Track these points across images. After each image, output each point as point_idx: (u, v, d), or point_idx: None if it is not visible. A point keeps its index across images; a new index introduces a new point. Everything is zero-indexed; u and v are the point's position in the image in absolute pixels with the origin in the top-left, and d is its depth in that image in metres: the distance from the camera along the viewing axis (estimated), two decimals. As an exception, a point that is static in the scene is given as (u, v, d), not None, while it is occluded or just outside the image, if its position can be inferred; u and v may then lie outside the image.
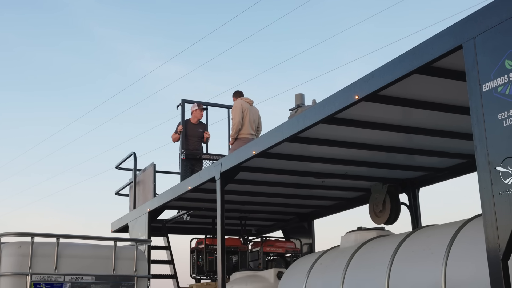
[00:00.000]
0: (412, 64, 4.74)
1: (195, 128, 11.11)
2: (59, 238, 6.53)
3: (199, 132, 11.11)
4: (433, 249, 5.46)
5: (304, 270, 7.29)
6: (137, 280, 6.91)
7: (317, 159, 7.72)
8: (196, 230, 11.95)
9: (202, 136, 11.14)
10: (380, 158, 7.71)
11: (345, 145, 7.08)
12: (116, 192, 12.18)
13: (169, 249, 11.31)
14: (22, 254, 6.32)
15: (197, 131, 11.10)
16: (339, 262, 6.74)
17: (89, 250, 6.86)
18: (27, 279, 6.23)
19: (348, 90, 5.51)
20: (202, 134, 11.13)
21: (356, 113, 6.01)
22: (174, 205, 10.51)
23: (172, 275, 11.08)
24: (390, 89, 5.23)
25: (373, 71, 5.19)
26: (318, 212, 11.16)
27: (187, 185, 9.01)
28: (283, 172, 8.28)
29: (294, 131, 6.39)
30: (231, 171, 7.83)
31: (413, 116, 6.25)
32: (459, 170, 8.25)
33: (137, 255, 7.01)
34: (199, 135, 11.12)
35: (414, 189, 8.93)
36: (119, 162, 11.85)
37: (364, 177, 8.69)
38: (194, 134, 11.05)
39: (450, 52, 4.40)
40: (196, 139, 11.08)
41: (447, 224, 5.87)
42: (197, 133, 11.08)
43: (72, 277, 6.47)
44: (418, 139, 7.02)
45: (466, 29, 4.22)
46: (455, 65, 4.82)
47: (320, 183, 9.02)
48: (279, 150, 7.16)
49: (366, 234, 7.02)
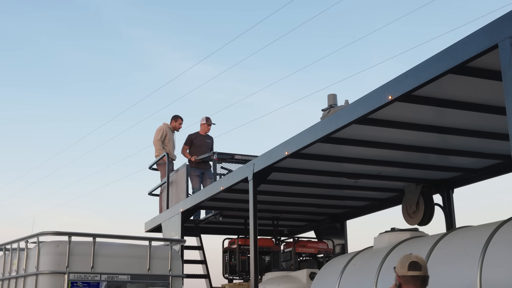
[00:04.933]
0: (446, 64, 4.71)
1: (205, 139, 11.83)
2: (96, 237, 6.63)
3: (208, 143, 11.80)
4: (468, 251, 5.40)
5: (337, 271, 7.27)
6: (171, 279, 6.99)
7: (350, 159, 7.71)
8: (228, 230, 12.00)
9: (210, 147, 11.78)
10: (413, 158, 7.66)
11: (378, 146, 7.05)
12: (149, 192, 12.31)
13: (202, 249, 11.38)
14: (60, 253, 6.43)
15: (206, 142, 11.81)
16: (372, 263, 6.71)
17: (125, 249, 6.95)
18: (65, 278, 6.34)
19: (382, 91, 5.49)
20: (210, 145, 11.82)
21: (389, 113, 5.99)
22: (207, 205, 10.59)
23: (205, 275, 11.15)
24: (424, 89, 5.20)
25: (407, 71, 5.17)
26: (351, 213, 11.12)
27: (220, 186, 9.07)
28: (315, 172, 8.28)
29: (327, 131, 6.39)
30: (264, 172, 7.86)
31: (447, 116, 6.19)
32: (494, 171, 8.14)
33: (171, 254, 7.08)
34: (208, 146, 11.75)
35: (448, 190, 8.84)
36: (152, 163, 11.99)
37: (398, 178, 8.63)
38: (204, 144, 11.69)
39: (485, 51, 4.36)
40: (205, 148, 11.67)
41: (482, 226, 5.79)
42: (206, 144, 11.75)
43: (108, 276, 6.57)
44: (452, 140, 6.95)
45: (502, 28, 4.18)
46: (491, 65, 4.77)
47: (353, 184, 8.99)
48: (312, 150, 7.17)
49: (400, 235, 6.97)
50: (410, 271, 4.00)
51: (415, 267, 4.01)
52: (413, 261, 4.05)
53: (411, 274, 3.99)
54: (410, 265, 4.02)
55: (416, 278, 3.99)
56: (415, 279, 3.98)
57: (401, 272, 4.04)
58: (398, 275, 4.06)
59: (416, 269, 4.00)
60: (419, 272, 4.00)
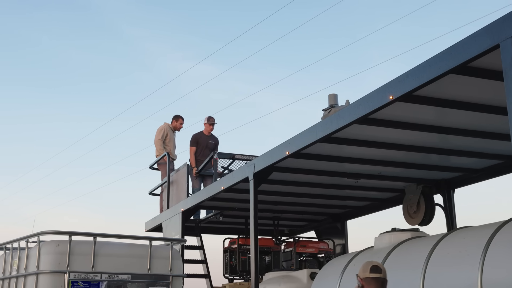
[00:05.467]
0: (448, 64, 4.70)
1: (208, 139, 11.81)
2: (96, 237, 6.63)
3: (211, 144, 11.79)
4: (469, 251, 5.39)
5: (338, 271, 7.27)
6: (172, 279, 6.98)
7: (350, 159, 7.70)
8: (229, 230, 12.01)
9: (213, 148, 11.77)
10: (414, 158, 7.65)
11: (379, 146, 7.05)
12: (150, 192, 12.33)
13: (202, 248, 11.39)
14: (60, 253, 6.42)
15: (210, 143, 11.79)
16: (373, 263, 6.69)
17: (125, 249, 6.94)
18: (65, 277, 6.33)
19: (383, 90, 5.49)
20: (213, 146, 11.82)
21: (390, 113, 5.98)
22: (208, 205, 10.59)
23: (205, 275, 11.15)
24: (425, 89, 5.20)
25: (408, 71, 5.16)
26: (351, 213, 11.12)
27: (220, 185, 9.07)
28: (316, 172, 8.28)
29: (328, 131, 6.39)
30: (264, 172, 7.86)
31: (448, 116, 6.19)
32: (495, 171, 8.14)
33: (172, 254, 7.08)
34: (210, 147, 11.74)
35: (449, 190, 8.83)
36: (153, 162, 12.00)
37: (398, 178, 8.63)
38: (206, 145, 11.70)
39: (487, 51, 4.36)
40: (207, 150, 11.67)
41: (483, 226, 5.79)
42: (209, 145, 11.75)
43: (108, 275, 6.56)
44: (453, 140, 6.94)
45: (503, 28, 4.17)
46: (492, 65, 4.77)
47: (353, 184, 8.98)
48: (313, 150, 7.17)
49: (401, 235, 6.96)
50: (372, 274, 4.48)
51: (376, 270, 4.50)
52: (375, 265, 4.54)
53: (372, 276, 4.47)
54: (372, 268, 4.50)
55: (377, 279, 4.45)
56: (376, 281, 4.44)
57: (363, 275, 4.51)
58: (361, 277, 4.52)
59: (377, 272, 4.49)
60: (379, 275, 4.47)
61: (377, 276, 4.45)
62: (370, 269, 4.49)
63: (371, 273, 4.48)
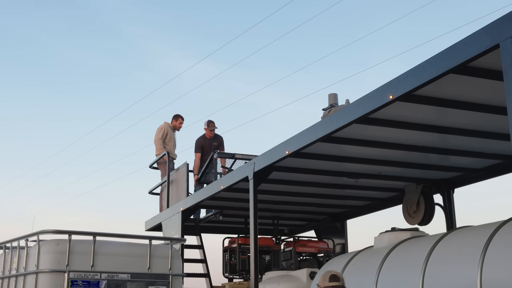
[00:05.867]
0: (447, 63, 4.70)
1: (211, 142, 11.82)
2: (96, 236, 6.63)
3: (214, 146, 11.80)
4: (469, 251, 5.40)
5: (337, 270, 7.26)
6: (171, 278, 6.99)
7: (350, 159, 7.70)
8: (229, 230, 12.01)
9: (215, 149, 11.72)
10: (414, 158, 7.65)
11: (379, 145, 7.05)
12: (149, 191, 12.32)
13: (202, 248, 11.39)
14: (60, 252, 6.42)
15: (213, 145, 11.80)
16: (372, 263, 6.71)
17: (125, 248, 6.94)
18: (65, 276, 6.34)
19: (383, 90, 5.49)
20: (216, 147, 11.81)
21: (390, 113, 5.98)
22: (207, 204, 10.59)
23: (205, 274, 11.15)
24: (425, 89, 5.20)
25: (408, 70, 5.16)
26: (351, 212, 11.12)
27: (220, 185, 9.07)
28: (316, 172, 8.28)
29: (328, 131, 6.39)
30: (264, 171, 7.86)
31: (448, 116, 6.19)
32: (494, 171, 8.14)
33: (171, 253, 7.08)
34: (216, 149, 11.70)
35: (449, 190, 8.83)
36: (153, 162, 12.00)
37: (398, 177, 8.63)
38: (209, 149, 11.69)
39: (486, 51, 4.36)
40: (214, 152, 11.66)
41: (482, 226, 5.79)
42: (212, 147, 11.75)
43: (108, 274, 6.57)
44: (453, 139, 6.94)
45: (503, 28, 4.17)
46: (492, 65, 4.77)
47: (353, 183, 8.98)
48: (312, 150, 7.17)
49: (400, 234, 6.97)
50: (331, 282, 4.83)
51: (335, 279, 4.85)
52: (333, 274, 4.90)
53: (331, 284, 4.82)
54: (331, 277, 4.85)
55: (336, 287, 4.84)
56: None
57: (323, 284, 4.86)
58: (321, 286, 4.86)
59: (335, 280, 4.85)
60: (338, 283, 4.84)
61: (336, 285, 4.81)
62: (329, 278, 4.83)
63: (330, 282, 4.82)
